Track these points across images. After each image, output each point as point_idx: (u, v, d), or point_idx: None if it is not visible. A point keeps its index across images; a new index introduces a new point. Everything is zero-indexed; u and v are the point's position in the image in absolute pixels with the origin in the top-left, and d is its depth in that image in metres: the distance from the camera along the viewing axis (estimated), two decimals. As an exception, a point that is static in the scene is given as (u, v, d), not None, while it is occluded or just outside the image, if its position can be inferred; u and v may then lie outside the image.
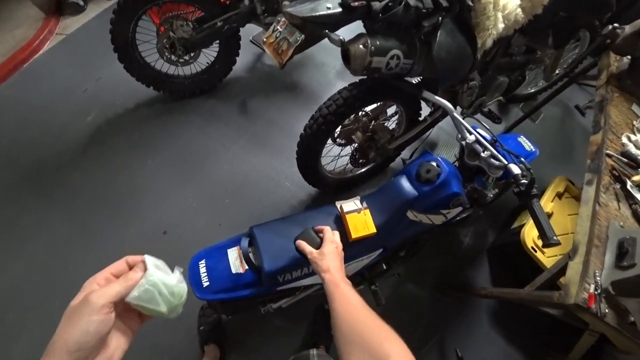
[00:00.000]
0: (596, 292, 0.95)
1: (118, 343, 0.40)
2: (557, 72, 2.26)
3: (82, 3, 2.62)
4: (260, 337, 1.58)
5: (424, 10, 1.06)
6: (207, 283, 0.96)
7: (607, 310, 0.94)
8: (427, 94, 1.24)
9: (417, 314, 1.75)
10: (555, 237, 0.86)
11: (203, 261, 1.00)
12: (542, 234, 0.87)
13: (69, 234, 1.78)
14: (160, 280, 0.42)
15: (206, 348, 1.47)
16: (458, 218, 1.83)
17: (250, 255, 0.98)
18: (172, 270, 0.47)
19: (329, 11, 1.04)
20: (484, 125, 1.14)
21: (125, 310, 0.42)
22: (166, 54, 1.90)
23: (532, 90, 2.53)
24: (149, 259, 0.45)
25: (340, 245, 0.86)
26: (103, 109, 2.18)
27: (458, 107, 1.64)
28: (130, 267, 0.45)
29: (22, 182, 1.91)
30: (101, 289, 0.38)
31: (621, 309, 0.91)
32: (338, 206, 1.06)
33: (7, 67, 2.29)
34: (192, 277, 0.97)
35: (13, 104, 2.18)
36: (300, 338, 1.61)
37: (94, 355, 0.36)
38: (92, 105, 2.19)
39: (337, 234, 0.89)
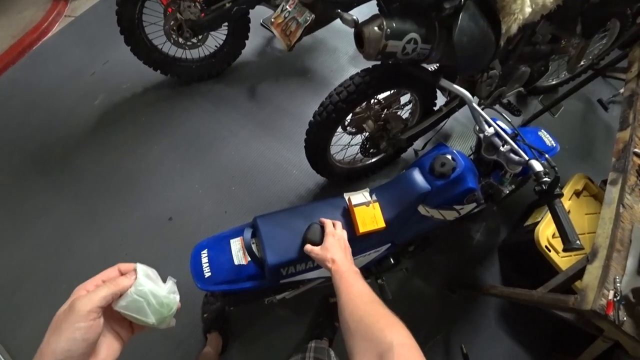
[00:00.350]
0: (615, 299, 0.89)
1: (109, 350, 0.39)
2: (582, 63, 2.14)
3: (90, -16, 2.58)
4: (264, 327, 1.58)
5: (446, -9, 0.99)
6: (209, 274, 0.93)
7: (625, 318, 0.89)
8: (444, 82, 1.17)
9: (423, 309, 1.72)
10: (578, 242, 0.80)
11: (205, 251, 0.97)
12: (564, 237, 0.81)
13: (76, 217, 1.79)
14: (150, 291, 0.41)
15: (209, 336, 1.47)
16: (471, 213, 1.79)
17: (253, 247, 0.94)
18: (166, 280, 0.45)
19: (343, -11, 0.97)
20: (505, 117, 1.08)
21: (116, 318, 0.41)
22: (173, 36, 1.85)
23: (554, 82, 2.42)
24: (140, 268, 0.43)
25: (343, 236, 0.86)
26: (110, 93, 2.17)
27: (475, 98, 1.56)
28: (122, 275, 0.43)
29: (30, 165, 1.93)
30: (87, 295, 0.37)
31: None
32: (346, 198, 1.02)
33: (17, 49, 2.31)
34: (194, 267, 0.94)
35: (22, 87, 2.20)
36: (304, 329, 1.60)
37: None
38: (99, 89, 2.19)
39: (338, 224, 0.89)
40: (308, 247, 0.85)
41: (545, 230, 1.54)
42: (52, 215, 1.79)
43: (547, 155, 0.92)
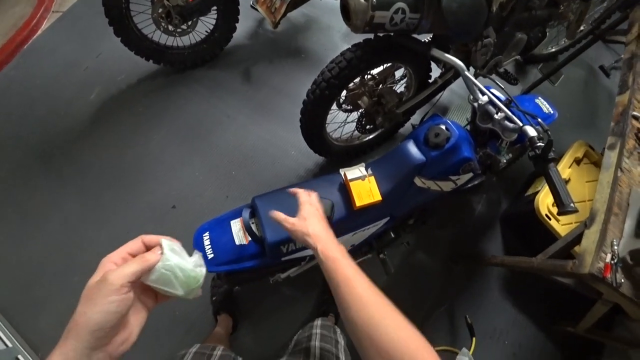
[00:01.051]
0: (613, 262, 0.91)
1: (136, 320, 0.41)
2: (581, 28, 2.08)
3: (75, -23, 2.52)
4: (271, 306, 1.62)
5: (433, -44, 0.96)
6: (212, 255, 0.95)
7: (622, 281, 0.90)
8: (436, 52, 1.15)
9: (427, 282, 1.75)
10: (572, 204, 0.81)
11: (207, 233, 0.99)
12: (558, 201, 0.82)
13: (82, 210, 1.82)
14: (177, 265, 0.43)
15: (219, 317, 1.51)
16: (470, 185, 1.79)
17: (253, 226, 0.96)
18: (192, 253, 0.47)
19: (328, -39, 0.95)
20: (499, 85, 1.06)
21: (142, 288, 0.43)
22: (162, 24, 1.82)
23: (553, 50, 2.36)
24: (165, 243, 0.44)
25: (320, 207, 0.76)
26: (106, 86, 2.17)
27: (471, 68, 1.54)
28: (147, 247, 0.45)
29: (32, 161, 1.95)
30: (119, 269, 0.38)
31: (638, 280, 0.87)
32: (342, 173, 1.02)
33: (9, 48, 2.30)
34: (197, 249, 0.97)
35: (18, 85, 2.21)
36: (310, 306, 1.64)
37: (114, 333, 0.37)
38: (94, 82, 2.18)
39: (314, 194, 0.79)
40: (277, 214, 0.73)
41: (545, 199, 1.55)
42: (58, 209, 1.82)
43: (539, 120, 0.91)
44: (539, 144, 0.85)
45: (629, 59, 1.33)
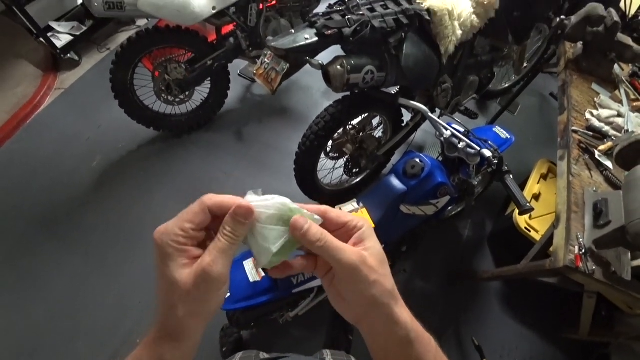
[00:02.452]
0: (581, 252, 1.04)
1: None
2: (525, 65, 2.43)
3: (77, 58, 2.79)
4: (281, 350, 1.64)
5: (388, 29, 1.22)
6: (228, 294, 1.05)
7: (594, 268, 1.02)
8: (402, 100, 1.38)
9: (428, 308, 1.82)
10: (528, 204, 0.97)
11: (222, 275, 1.09)
12: (517, 203, 0.98)
13: (87, 273, 1.84)
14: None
15: (230, 368, 1.51)
16: (454, 213, 1.95)
17: (264, 262, 1.07)
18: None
19: (307, 41, 1.19)
20: (457, 121, 1.28)
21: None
22: (163, 95, 2.05)
23: (507, 85, 2.70)
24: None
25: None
26: (107, 154, 2.28)
27: (437, 109, 1.78)
28: (214, 215, 0.36)
29: (36, 230, 1.98)
30: (216, 260, 0.33)
31: (604, 263, 1.01)
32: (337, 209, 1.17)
33: (12, 124, 2.39)
34: None
35: (20, 158, 2.28)
36: (320, 345, 1.67)
37: None
38: (96, 151, 2.29)
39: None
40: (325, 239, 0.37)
41: (523, 215, 1.71)
42: (63, 274, 1.83)
43: (490, 143, 1.11)
44: (494, 162, 1.04)
45: (562, 86, 1.59)
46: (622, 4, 1.92)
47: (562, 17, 1.59)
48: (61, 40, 2.62)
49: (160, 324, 0.34)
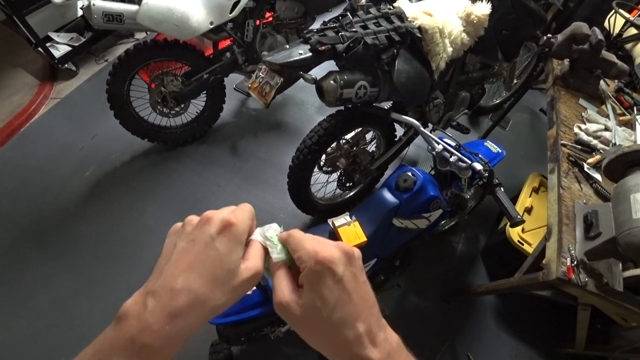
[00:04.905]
0: (573, 264, 1.04)
1: None
2: (515, 81, 2.49)
3: (74, 68, 2.81)
4: (273, 368, 1.60)
5: (381, 46, 1.25)
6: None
7: (586, 280, 1.02)
8: (395, 115, 1.41)
9: (423, 323, 1.80)
10: (519, 216, 0.98)
11: (212, 288, 1.07)
12: (508, 216, 0.99)
13: (75, 286, 1.80)
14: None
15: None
16: (447, 227, 1.96)
17: (256, 275, 1.06)
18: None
19: (301, 56, 1.22)
20: (449, 135, 1.30)
21: None
22: (159, 107, 2.06)
23: (498, 101, 2.77)
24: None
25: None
26: (100, 164, 2.27)
27: (430, 124, 1.81)
28: None
29: (24, 240, 1.94)
30: (249, 263, 0.34)
31: (596, 274, 1.01)
32: (330, 222, 1.17)
33: (5, 132, 2.38)
34: None
35: (12, 166, 2.26)
36: (313, 363, 1.64)
37: None
38: (89, 161, 2.28)
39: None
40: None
41: (515, 228, 1.72)
42: (50, 287, 1.78)
43: (480, 156, 1.13)
44: (484, 175, 1.06)
45: (551, 101, 1.63)
46: (606, 23, 2.00)
47: (549, 35, 1.64)
48: (59, 50, 2.65)
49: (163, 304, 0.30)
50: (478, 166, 1.09)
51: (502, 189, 1.05)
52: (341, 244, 0.35)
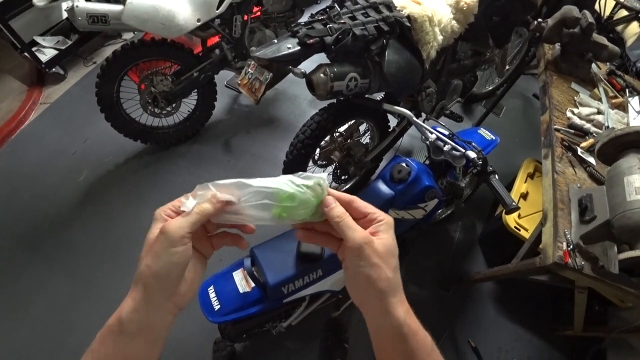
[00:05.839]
0: (569, 249, 1.05)
1: (195, 270, 0.41)
2: (507, 67, 2.48)
3: (62, 72, 2.76)
4: (275, 363, 1.60)
5: (370, 37, 1.24)
6: (218, 306, 1.03)
7: (582, 263, 1.03)
8: (387, 106, 1.40)
9: (423, 312, 1.76)
10: (514, 203, 0.98)
11: (211, 287, 1.08)
12: (503, 203, 0.99)
13: (72, 290, 1.79)
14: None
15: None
16: (444, 216, 1.96)
17: (255, 273, 1.06)
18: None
19: (290, 50, 1.20)
20: (442, 124, 1.29)
21: (199, 239, 0.42)
22: (149, 107, 2.03)
23: (491, 88, 2.75)
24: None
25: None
26: (94, 168, 2.25)
27: (423, 114, 1.81)
28: None
29: (18, 247, 1.93)
30: (177, 220, 0.38)
31: (592, 257, 1.02)
32: (326, 216, 1.16)
33: None
34: (203, 304, 1.04)
35: (4, 174, 2.23)
36: (315, 357, 1.64)
37: (179, 283, 0.38)
38: (82, 165, 2.26)
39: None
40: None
41: (511, 214, 1.73)
42: (47, 292, 1.78)
43: (474, 144, 1.13)
44: (479, 162, 1.05)
45: (543, 86, 1.63)
46: (596, 6, 1.99)
47: (539, 20, 1.63)
48: (46, 54, 2.60)
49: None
50: (472, 154, 1.08)
51: (496, 176, 1.05)
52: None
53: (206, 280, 1.11)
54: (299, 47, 1.20)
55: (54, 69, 2.67)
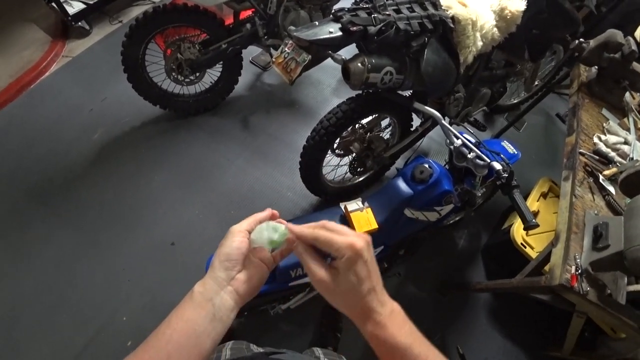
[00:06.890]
0: (577, 273, 1.05)
1: (256, 270, 0.50)
2: (536, 83, 2.45)
3: (87, 27, 2.75)
4: (269, 343, 1.63)
5: (412, 32, 1.22)
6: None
7: (588, 289, 1.04)
8: (417, 105, 1.38)
9: (417, 313, 1.83)
10: (533, 220, 0.98)
11: (221, 260, 1.09)
12: (523, 218, 0.99)
13: (77, 247, 1.82)
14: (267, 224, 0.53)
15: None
16: (452, 221, 1.96)
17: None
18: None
19: (331, 35, 1.18)
20: (469, 131, 1.28)
21: (259, 254, 0.52)
22: (173, 74, 2.02)
23: (515, 101, 2.72)
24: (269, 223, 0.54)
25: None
26: (109, 127, 2.26)
27: (446, 117, 1.79)
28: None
29: (28, 199, 1.95)
30: (238, 224, 0.52)
31: (599, 285, 1.02)
32: (342, 206, 1.17)
33: (15, 87, 2.36)
34: None
35: (20, 124, 2.24)
36: (308, 341, 1.67)
37: (237, 265, 0.48)
38: (98, 124, 2.27)
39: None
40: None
41: (519, 230, 1.73)
42: (52, 246, 1.80)
43: (502, 156, 1.12)
44: (504, 175, 1.05)
45: (573, 108, 1.60)
46: (637, 33, 1.94)
47: (581, 39, 1.60)
48: (73, 7, 2.58)
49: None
50: (497, 166, 1.08)
51: (519, 191, 1.05)
52: (361, 235, 0.47)
53: (213, 254, 1.11)
54: (340, 33, 1.18)
55: (79, 23, 2.66)
